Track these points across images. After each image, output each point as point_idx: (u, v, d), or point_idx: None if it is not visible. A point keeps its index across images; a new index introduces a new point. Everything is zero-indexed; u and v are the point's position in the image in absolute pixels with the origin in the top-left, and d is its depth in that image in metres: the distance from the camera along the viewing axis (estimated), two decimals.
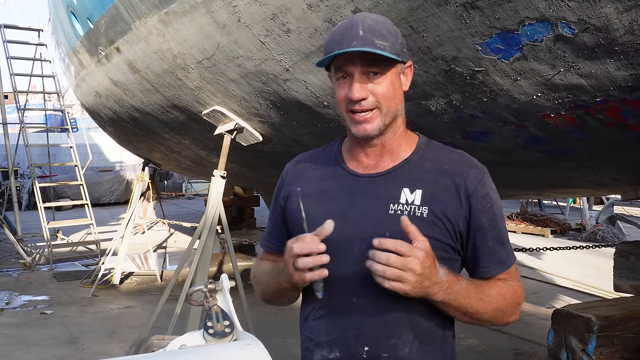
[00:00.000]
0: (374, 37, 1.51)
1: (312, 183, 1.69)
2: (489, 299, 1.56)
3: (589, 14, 2.20)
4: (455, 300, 1.51)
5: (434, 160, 1.63)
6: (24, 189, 18.76)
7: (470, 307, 1.53)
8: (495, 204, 1.62)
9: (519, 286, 1.64)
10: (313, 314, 1.67)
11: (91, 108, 8.50)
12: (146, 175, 9.79)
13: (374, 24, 1.54)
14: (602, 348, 3.59)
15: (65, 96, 13.12)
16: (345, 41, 1.51)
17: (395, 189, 1.59)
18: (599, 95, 2.58)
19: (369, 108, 1.55)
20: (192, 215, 15.27)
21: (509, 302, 1.60)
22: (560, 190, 5.80)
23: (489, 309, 1.56)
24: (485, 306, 1.55)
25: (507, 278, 1.63)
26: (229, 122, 5.00)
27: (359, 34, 1.51)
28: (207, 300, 1.57)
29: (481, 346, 5.51)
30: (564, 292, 7.69)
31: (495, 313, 1.58)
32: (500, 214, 1.64)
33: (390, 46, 1.52)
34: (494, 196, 1.62)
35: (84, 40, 6.26)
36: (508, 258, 1.64)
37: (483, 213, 1.59)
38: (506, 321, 1.62)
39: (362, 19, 1.54)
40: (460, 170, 1.60)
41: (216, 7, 3.68)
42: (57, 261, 9.83)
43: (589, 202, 14.37)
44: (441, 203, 1.56)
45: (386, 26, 1.56)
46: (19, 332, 6.20)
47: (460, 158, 1.65)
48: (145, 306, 7.11)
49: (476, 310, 1.54)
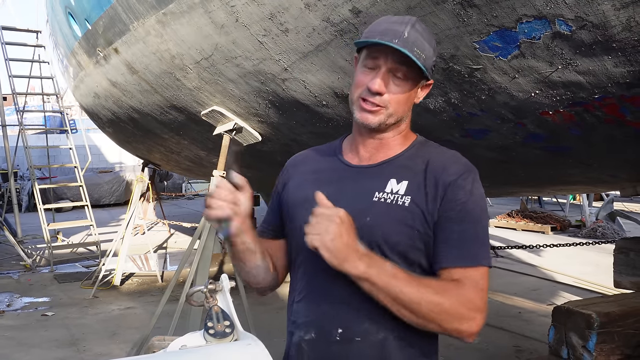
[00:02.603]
0: (415, 43, 1.56)
1: (308, 172, 1.78)
2: (425, 288, 1.48)
3: (586, 11, 2.20)
4: (379, 277, 1.47)
5: (425, 157, 1.66)
6: (23, 191, 18.76)
7: (401, 292, 1.46)
8: (471, 200, 1.57)
9: (476, 294, 1.51)
10: (296, 297, 1.72)
11: (90, 109, 8.50)
12: (146, 176, 9.79)
13: (421, 33, 1.59)
14: (603, 344, 3.59)
15: (64, 97, 13.09)
16: (389, 35, 1.56)
17: (383, 179, 1.64)
18: (597, 92, 2.58)
19: (379, 104, 1.61)
20: (192, 215, 15.28)
21: (454, 302, 1.48)
22: (559, 187, 5.80)
23: (425, 299, 1.46)
24: (421, 295, 1.46)
25: (461, 280, 1.52)
26: (228, 122, 5.01)
27: (404, 34, 1.56)
28: (208, 300, 1.58)
29: (482, 344, 5.51)
30: (564, 289, 7.70)
31: (434, 308, 1.47)
32: (478, 213, 1.58)
33: (425, 59, 1.58)
34: (474, 192, 1.59)
35: (82, 41, 6.26)
36: (474, 256, 1.55)
37: (455, 204, 1.57)
38: (453, 326, 1.48)
39: (413, 22, 1.59)
40: (446, 165, 1.62)
41: (214, 7, 3.68)
42: (57, 263, 9.84)
43: (589, 198, 14.41)
44: (423, 195, 1.59)
45: (430, 40, 1.62)
46: (20, 334, 6.20)
47: (451, 156, 1.67)
48: (146, 307, 7.12)
49: (409, 298, 1.46)
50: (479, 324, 1.50)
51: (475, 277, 1.53)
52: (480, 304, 1.51)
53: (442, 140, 3.55)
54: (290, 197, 1.78)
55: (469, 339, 1.51)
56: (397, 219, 1.57)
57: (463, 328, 1.49)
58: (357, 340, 1.59)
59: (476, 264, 1.54)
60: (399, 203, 1.58)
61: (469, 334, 1.50)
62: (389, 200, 1.59)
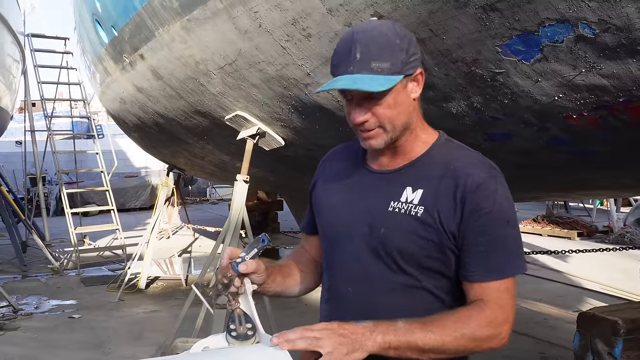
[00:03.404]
0: (371, 59, 1.48)
1: (333, 175, 1.80)
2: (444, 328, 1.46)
3: (609, 14, 2.18)
4: (398, 339, 1.43)
5: (444, 160, 1.60)
6: (51, 195, 19.04)
7: (422, 342, 1.44)
8: (496, 209, 1.52)
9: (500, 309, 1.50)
10: (323, 297, 1.77)
11: (116, 114, 8.62)
12: (171, 180, 9.89)
13: (373, 43, 1.50)
14: (629, 351, 3.54)
15: (91, 103, 13.29)
16: (343, 66, 1.51)
17: (399, 187, 1.61)
18: (622, 95, 2.55)
19: (372, 128, 1.57)
20: (217, 220, 15.37)
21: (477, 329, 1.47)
22: (585, 192, 5.73)
23: (447, 339, 1.45)
24: (443, 338, 1.45)
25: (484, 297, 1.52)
26: (251, 126, 5.04)
27: (356, 57, 1.49)
28: (230, 303, 1.59)
29: (506, 350, 5.44)
30: (591, 295, 7.59)
31: (459, 342, 1.46)
32: (505, 221, 1.54)
33: (390, 66, 1.49)
34: (498, 200, 1.53)
35: (109, 47, 6.36)
36: (500, 269, 1.53)
37: (478, 215, 1.52)
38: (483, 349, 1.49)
39: (360, 37, 1.50)
40: (466, 170, 1.56)
41: (237, 13, 3.72)
42: (84, 266, 9.96)
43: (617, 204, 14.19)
44: (438, 203, 1.55)
45: (387, 41, 1.51)
46: (48, 336, 6.30)
47: (471, 158, 1.61)
48: (171, 310, 7.17)
49: (433, 345, 1.44)
50: (507, 333, 1.51)
51: (499, 291, 1.52)
52: (505, 317, 1.51)
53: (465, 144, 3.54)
54: (316, 199, 1.82)
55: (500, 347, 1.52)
56: (410, 230, 1.56)
57: (493, 345, 1.50)
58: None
59: (502, 276, 1.53)
60: (412, 213, 1.56)
61: (499, 346, 1.51)
62: (403, 211, 1.57)
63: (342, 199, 1.71)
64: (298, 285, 1.83)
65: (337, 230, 1.69)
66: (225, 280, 1.58)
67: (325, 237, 1.76)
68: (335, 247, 1.69)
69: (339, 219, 1.69)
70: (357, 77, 1.48)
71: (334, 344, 1.38)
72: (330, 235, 1.73)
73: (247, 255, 1.61)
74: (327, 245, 1.74)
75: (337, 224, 1.69)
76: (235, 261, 1.61)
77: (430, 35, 2.78)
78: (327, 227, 1.75)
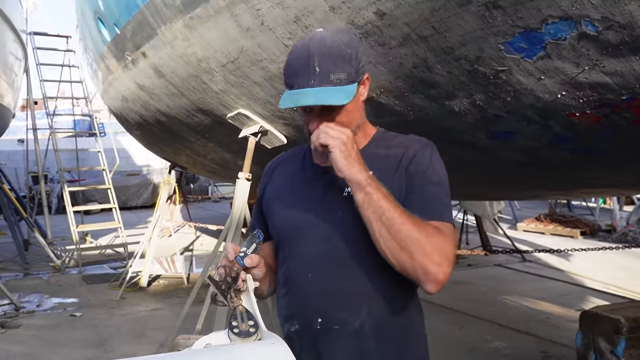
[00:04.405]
0: (329, 71, 1.58)
1: (281, 176, 1.89)
2: (411, 218, 1.55)
3: (612, 11, 2.17)
4: (376, 191, 1.55)
5: (385, 146, 1.76)
6: (53, 193, 19.08)
7: (389, 211, 1.54)
8: (430, 169, 1.68)
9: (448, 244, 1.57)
10: (281, 293, 1.81)
11: (118, 112, 8.62)
12: (172, 178, 9.88)
13: (329, 54, 1.58)
14: (632, 350, 3.54)
15: (93, 101, 13.31)
16: (302, 79, 1.59)
17: None
18: (625, 93, 2.54)
19: None
20: (218, 218, 15.37)
21: (430, 241, 1.53)
22: (588, 190, 5.72)
23: (407, 225, 1.53)
24: (405, 220, 1.53)
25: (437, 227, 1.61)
26: (254, 124, 5.04)
27: (315, 70, 1.57)
28: (232, 300, 1.60)
29: (508, 349, 5.46)
30: (594, 294, 7.58)
31: (412, 235, 1.53)
32: (437, 178, 1.69)
33: (347, 76, 1.60)
34: (432, 162, 1.69)
35: (111, 45, 6.36)
36: (437, 213, 1.63)
37: (415, 174, 1.67)
38: (423, 261, 1.52)
39: (316, 50, 1.58)
40: (405, 145, 1.74)
41: (240, 10, 3.71)
42: (86, 264, 9.99)
43: (620, 202, 14.17)
44: (387, 180, 1.64)
45: (341, 52, 1.60)
46: (50, 334, 6.31)
47: (408, 138, 1.79)
48: (172, 308, 7.18)
49: (395, 219, 1.53)
50: (446, 272, 1.53)
51: (445, 229, 1.60)
52: (450, 255, 1.56)
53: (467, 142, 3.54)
54: (267, 203, 1.88)
55: (431, 285, 1.53)
56: None
57: (431, 269, 1.52)
58: (336, 329, 1.67)
59: (440, 219, 1.62)
60: None
61: (433, 278, 1.52)
62: None
63: (293, 199, 1.79)
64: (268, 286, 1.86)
65: (290, 227, 1.77)
66: (233, 274, 1.59)
67: (281, 234, 1.81)
68: (293, 240, 1.76)
69: (291, 217, 1.77)
70: (319, 91, 1.57)
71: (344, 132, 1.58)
72: (283, 234, 1.80)
73: (248, 250, 1.64)
74: (285, 240, 1.80)
75: (289, 221, 1.77)
76: (240, 255, 1.63)
77: (432, 33, 2.77)
78: (279, 226, 1.81)
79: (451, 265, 1.56)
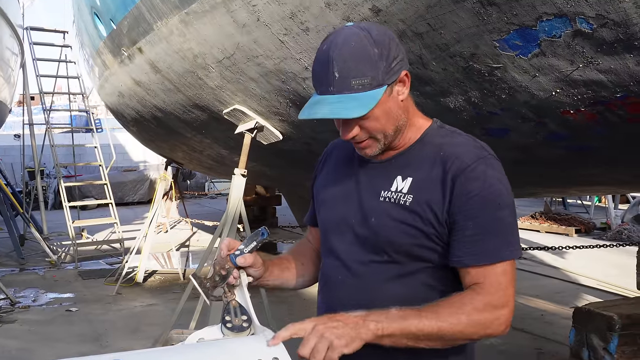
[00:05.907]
0: (350, 76, 1.44)
1: (330, 168, 1.80)
2: (438, 314, 1.44)
3: (607, 8, 2.18)
4: (391, 325, 1.41)
5: (435, 147, 1.58)
6: (49, 189, 19.01)
7: (417, 329, 1.42)
8: (485, 190, 1.48)
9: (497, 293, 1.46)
10: (319, 285, 1.79)
11: (115, 108, 8.61)
12: (169, 174, 9.87)
13: (350, 57, 1.45)
14: (625, 347, 3.55)
15: (89, 97, 13.28)
16: (323, 85, 1.48)
17: (390, 177, 1.61)
18: (619, 91, 2.55)
19: (364, 140, 1.56)
20: (215, 214, 15.36)
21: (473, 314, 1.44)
22: (583, 188, 5.74)
23: (443, 324, 1.42)
24: (438, 323, 1.42)
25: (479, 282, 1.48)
26: (250, 120, 5.04)
27: (334, 76, 1.45)
28: (226, 295, 1.60)
29: (503, 345, 5.47)
30: (588, 292, 7.60)
31: (455, 328, 1.43)
32: (496, 203, 1.48)
33: (371, 80, 1.45)
34: (488, 181, 1.49)
35: (107, 41, 6.35)
36: (491, 253, 1.48)
37: (467, 198, 1.48)
38: (481, 335, 1.46)
39: (337, 54, 1.45)
40: (455, 154, 1.53)
41: (236, 6, 3.71)
42: (82, 259, 9.96)
43: (615, 200, 14.19)
44: (427, 191, 1.53)
45: (365, 53, 1.45)
46: (45, 329, 6.30)
47: (463, 143, 1.58)
48: (168, 304, 7.18)
49: (428, 331, 1.42)
50: (507, 318, 1.46)
51: (495, 274, 1.47)
52: (503, 301, 1.46)
53: None
54: (316, 193, 1.83)
55: (501, 334, 1.48)
56: (399, 220, 1.55)
57: (491, 332, 1.46)
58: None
59: (495, 259, 1.47)
60: (401, 202, 1.55)
61: (499, 332, 1.47)
62: (393, 200, 1.57)
63: (336, 192, 1.73)
64: (296, 278, 1.85)
65: (331, 222, 1.71)
66: (223, 272, 1.59)
67: (322, 228, 1.78)
68: (329, 238, 1.72)
69: (333, 212, 1.71)
70: (337, 99, 1.46)
71: (344, 349, 1.37)
72: (325, 227, 1.75)
73: (246, 248, 1.62)
74: (324, 234, 1.77)
75: (331, 216, 1.72)
76: (234, 253, 1.61)
77: (428, 30, 2.78)
78: (323, 219, 1.78)
79: (508, 306, 1.46)
